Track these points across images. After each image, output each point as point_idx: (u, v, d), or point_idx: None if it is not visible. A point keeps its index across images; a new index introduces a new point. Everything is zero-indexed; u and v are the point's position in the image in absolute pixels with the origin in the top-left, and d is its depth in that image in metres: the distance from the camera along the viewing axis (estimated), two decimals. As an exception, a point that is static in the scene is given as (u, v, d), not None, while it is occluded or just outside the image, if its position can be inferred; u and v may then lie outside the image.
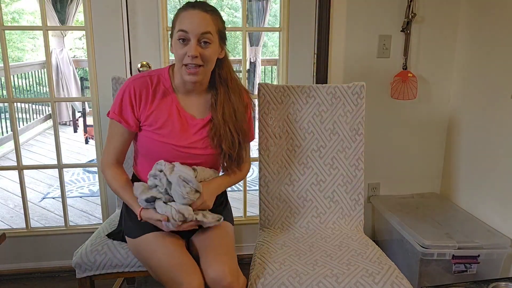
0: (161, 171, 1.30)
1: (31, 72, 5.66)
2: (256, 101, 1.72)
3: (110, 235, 1.50)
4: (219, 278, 1.23)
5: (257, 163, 1.77)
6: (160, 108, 1.35)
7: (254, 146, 1.68)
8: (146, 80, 1.36)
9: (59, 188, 2.14)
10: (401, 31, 2.12)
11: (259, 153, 1.72)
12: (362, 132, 1.69)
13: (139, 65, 1.98)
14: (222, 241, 1.36)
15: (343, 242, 1.56)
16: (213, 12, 1.30)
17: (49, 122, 5.71)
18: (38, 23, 7.74)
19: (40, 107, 5.75)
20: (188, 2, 1.31)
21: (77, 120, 5.50)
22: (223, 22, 1.36)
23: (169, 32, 1.36)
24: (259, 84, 1.70)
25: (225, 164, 1.42)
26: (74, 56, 7.87)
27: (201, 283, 1.23)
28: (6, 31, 1.93)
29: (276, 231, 1.67)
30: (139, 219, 1.30)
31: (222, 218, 1.38)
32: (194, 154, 1.37)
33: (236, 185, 3.60)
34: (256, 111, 1.68)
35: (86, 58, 2.00)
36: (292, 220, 1.70)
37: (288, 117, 1.70)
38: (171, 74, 1.39)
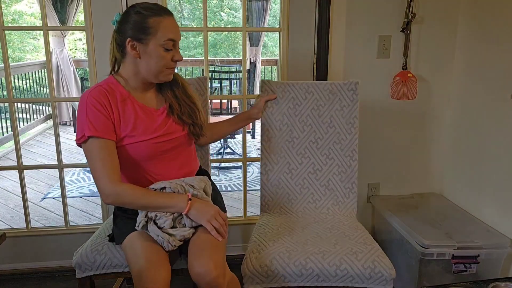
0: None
1: (32, 72, 5.66)
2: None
3: (111, 239, 1.50)
4: (203, 272, 1.23)
5: (257, 163, 1.83)
6: (125, 112, 1.37)
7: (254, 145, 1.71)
8: (100, 89, 1.35)
9: (59, 188, 2.14)
10: (401, 31, 2.12)
11: (261, 143, 1.84)
12: (357, 125, 1.81)
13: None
14: (209, 236, 1.35)
15: (334, 225, 1.69)
16: None
17: (49, 122, 5.71)
18: (38, 23, 7.75)
19: (40, 107, 5.75)
20: (158, 7, 1.36)
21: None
22: None
23: (134, 36, 1.33)
24: (261, 80, 1.84)
25: (194, 133, 1.49)
26: (74, 57, 7.88)
27: (165, 278, 1.23)
28: (7, 32, 1.93)
29: (275, 215, 1.80)
30: (185, 212, 1.31)
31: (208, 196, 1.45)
32: (172, 139, 1.43)
33: (236, 185, 3.60)
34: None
35: (86, 58, 2.00)
36: (289, 205, 1.83)
37: (288, 110, 1.83)
38: (119, 80, 1.41)
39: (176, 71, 1.49)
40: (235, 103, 5.28)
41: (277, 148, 1.82)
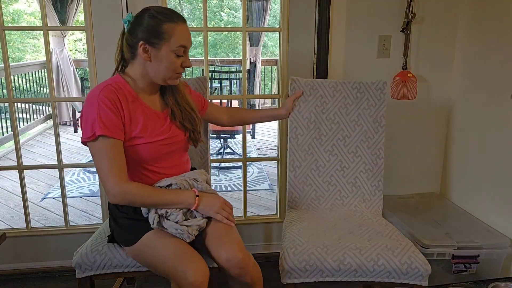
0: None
1: (32, 72, 5.67)
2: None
3: (110, 240, 1.50)
4: (231, 256, 1.29)
5: (257, 163, 1.82)
6: (135, 112, 1.37)
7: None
8: (110, 88, 1.34)
9: (59, 188, 2.14)
10: (401, 31, 2.12)
11: (289, 140, 1.85)
12: (384, 124, 1.84)
13: (139, 65, 1.97)
14: (224, 226, 1.41)
15: (363, 222, 1.70)
16: None
17: (50, 122, 5.71)
18: (38, 23, 7.75)
19: (40, 107, 5.75)
20: (172, 12, 1.37)
21: (78, 120, 5.51)
22: None
23: (148, 40, 1.33)
24: (291, 78, 1.85)
25: (194, 139, 1.52)
26: (74, 57, 7.87)
27: (205, 270, 1.25)
28: (7, 32, 1.93)
29: (302, 211, 1.82)
30: (194, 207, 1.36)
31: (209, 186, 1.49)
32: (175, 142, 1.45)
33: (236, 185, 3.59)
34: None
35: (86, 58, 2.00)
36: (317, 202, 1.85)
37: (316, 108, 1.85)
38: (128, 80, 1.40)
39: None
40: (235, 103, 5.28)
41: (304, 145, 1.85)
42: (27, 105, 5.36)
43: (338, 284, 1.47)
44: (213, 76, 5.41)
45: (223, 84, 5.38)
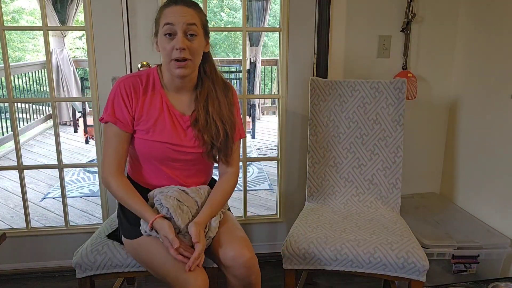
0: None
1: (32, 72, 5.67)
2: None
3: (110, 236, 1.50)
4: (238, 254, 1.26)
5: (257, 163, 1.81)
6: (151, 106, 1.37)
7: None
8: (135, 79, 1.37)
9: (59, 188, 2.14)
10: (401, 31, 2.12)
11: (309, 138, 1.92)
12: (403, 123, 1.86)
13: (139, 65, 1.98)
14: (230, 225, 1.39)
15: (374, 218, 1.75)
16: (196, 6, 1.34)
17: (50, 122, 5.71)
18: (38, 23, 7.75)
19: (41, 107, 5.75)
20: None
21: (78, 120, 5.51)
22: (206, 16, 1.40)
23: (153, 32, 1.37)
24: (311, 78, 1.91)
25: (210, 155, 1.40)
26: (74, 56, 7.87)
27: (206, 280, 1.24)
28: (6, 31, 1.93)
29: (319, 205, 1.90)
30: (150, 228, 1.28)
31: (222, 215, 1.42)
32: (186, 152, 1.39)
33: (236, 185, 3.56)
34: (309, 103, 1.91)
35: (86, 58, 2.00)
36: (333, 197, 1.91)
37: (335, 107, 1.91)
38: (159, 72, 1.41)
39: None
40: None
41: (323, 142, 1.91)
42: (27, 105, 5.36)
43: (358, 278, 1.47)
44: (213, 76, 5.39)
45: (223, 84, 5.37)
